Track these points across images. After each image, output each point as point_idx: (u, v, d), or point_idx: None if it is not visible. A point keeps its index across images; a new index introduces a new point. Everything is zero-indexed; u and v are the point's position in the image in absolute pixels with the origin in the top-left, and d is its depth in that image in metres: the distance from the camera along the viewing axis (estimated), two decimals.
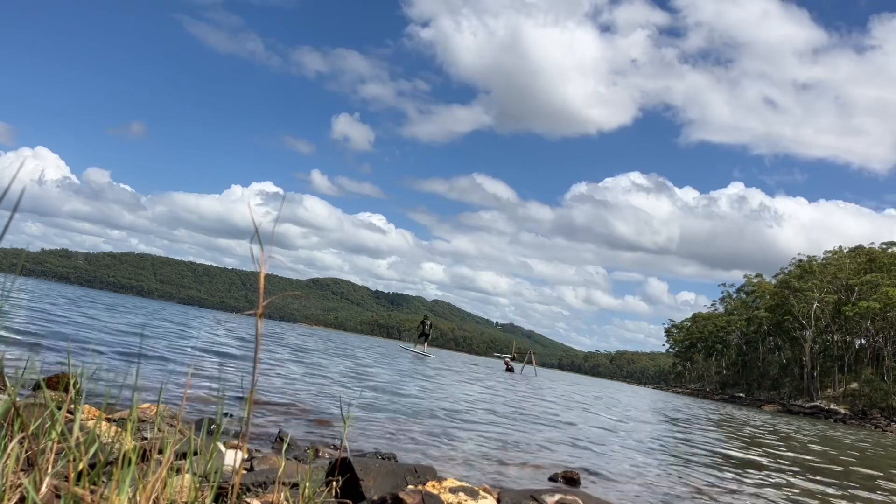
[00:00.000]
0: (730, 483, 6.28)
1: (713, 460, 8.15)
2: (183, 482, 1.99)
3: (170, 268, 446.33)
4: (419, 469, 3.32)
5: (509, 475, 4.87)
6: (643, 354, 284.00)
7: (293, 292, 16.56)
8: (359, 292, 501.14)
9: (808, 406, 65.63)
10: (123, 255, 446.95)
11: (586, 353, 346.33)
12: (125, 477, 1.65)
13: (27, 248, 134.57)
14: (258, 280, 1.53)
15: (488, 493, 3.29)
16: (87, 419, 3.15)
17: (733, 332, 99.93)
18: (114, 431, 2.75)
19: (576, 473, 5.06)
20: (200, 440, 2.35)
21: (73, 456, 1.68)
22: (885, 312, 66.94)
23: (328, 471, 3.10)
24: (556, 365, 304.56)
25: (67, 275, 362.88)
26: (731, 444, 11.40)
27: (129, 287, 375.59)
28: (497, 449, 5.99)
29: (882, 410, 60.76)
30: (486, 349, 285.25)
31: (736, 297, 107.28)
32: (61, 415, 1.82)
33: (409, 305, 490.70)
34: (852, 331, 75.31)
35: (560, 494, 3.54)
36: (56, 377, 4.12)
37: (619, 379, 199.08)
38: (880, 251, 78.00)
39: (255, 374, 1.69)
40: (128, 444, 1.79)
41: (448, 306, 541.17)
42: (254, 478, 2.84)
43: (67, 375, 3.79)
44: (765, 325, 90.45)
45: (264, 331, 20.48)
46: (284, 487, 2.53)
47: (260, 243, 1.43)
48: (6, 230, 1.34)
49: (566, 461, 5.92)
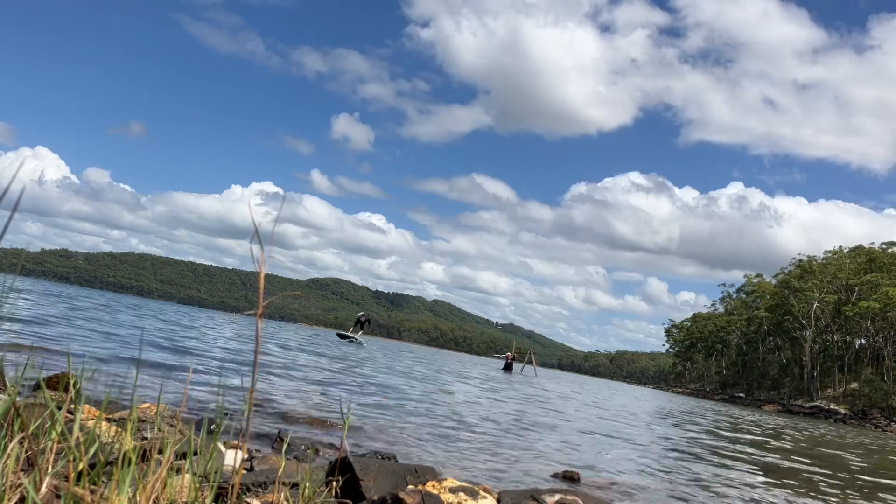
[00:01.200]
0: (731, 483, 6.28)
1: (714, 460, 8.15)
2: (183, 482, 1.99)
3: (170, 268, 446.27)
4: (419, 469, 3.32)
5: (509, 475, 4.87)
6: (643, 354, 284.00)
7: (293, 292, 16.52)
8: (359, 292, 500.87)
9: (808, 406, 65.62)
10: (123, 255, 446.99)
11: (586, 354, 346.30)
12: (125, 477, 1.65)
13: (27, 248, 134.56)
14: (258, 280, 1.53)
15: (488, 493, 3.29)
16: (87, 419, 3.15)
17: (733, 332, 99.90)
18: (114, 431, 2.75)
19: (576, 473, 5.06)
20: (200, 440, 2.35)
21: (73, 456, 1.68)
22: (885, 312, 66.93)
23: (328, 471, 3.10)
24: (556, 365, 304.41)
25: (67, 275, 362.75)
26: (732, 445, 11.39)
27: (129, 287, 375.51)
28: (497, 449, 5.99)
29: (882, 410, 60.77)
30: (486, 349, 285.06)
31: (736, 297, 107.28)
32: (61, 415, 1.82)
33: (409, 305, 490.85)
34: (852, 331, 75.32)
35: (560, 494, 3.54)
36: (56, 377, 4.12)
37: (619, 379, 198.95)
38: (880, 251, 78.01)
39: (255, 374, 1.69)
40: (128, 444, 1.79)
41: (448, 306, 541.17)
42: (254, 478, 2.84)
43: (67, 375, 3.79)
44: (765, 325, 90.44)
45: (263, 333, 20.44)
46: (284, 487, 2.53)
47: (260, 243, 1.43)
48: (6, 230, 1.34)
49: (566, 461, 5.92)
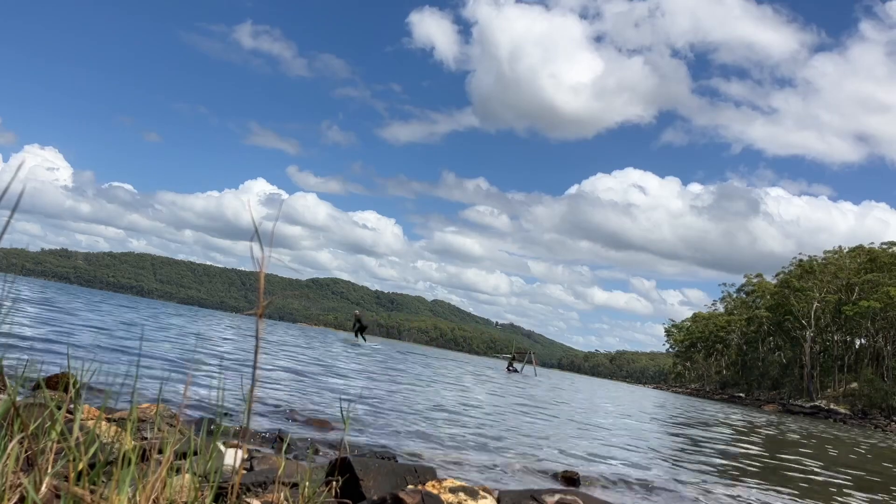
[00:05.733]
0: (732, 483, 6.28)
1: (714, 460, 8.15)
2: (183, 482, 1.99)
3: (169, 268, 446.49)
4: (419, 469, 3.32)
5: (509, 475, 4.87)
6: (643, 354, 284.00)
7: (293, 292, 16.56)
8: (358, 292, 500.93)
9: (808, 406, 65.59)
10: (123, 255, 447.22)
11: (586, 353, 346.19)
12: (125, 477, 1.65)
13: (27, 248, 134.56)
14: (258, 280, 1.53)
15: (488, 493, 3.29)
16: (87, 419, 3.15)
17: (733, 331, 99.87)
18: (114, 431, 2.75)
19: (575, 473, 5.06)
20: (200, 440, 2.35)
21: (73, 456, 1.68)
22: (886, 312, 66.94)
23: (328, 471, 3.10)
24: (556, 365, 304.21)
25: (67, 275, 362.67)
26: (732, 444, 11.40)
27: (129, 287, 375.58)
28: (497, 449, 5.99)
29: (882, 410, 60.79)
30: (486, 349, 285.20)
31: (736, 297, 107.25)
32: (61, 415, 1.82)
33: (409, 305, 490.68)
34: (852, 330, 75.32)
35: (560, 494, 3.54)
36: (56, 377, 4.12)
37: (618, 379, 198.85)
38: (881, 251, 77.95)
39: (255, 374, 1.69)
40: (128, 443, 1.79)
41: (448, 306, 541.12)
42: (254, 478, 2.84)
43: (67, 375, 3.79)
44: (765, 324, 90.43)
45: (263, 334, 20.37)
46: (284, 487, 2.53)
47: (259, 243, 1.44)
48: (6, 230, 1.34)
49: (566, 461, 5.92)
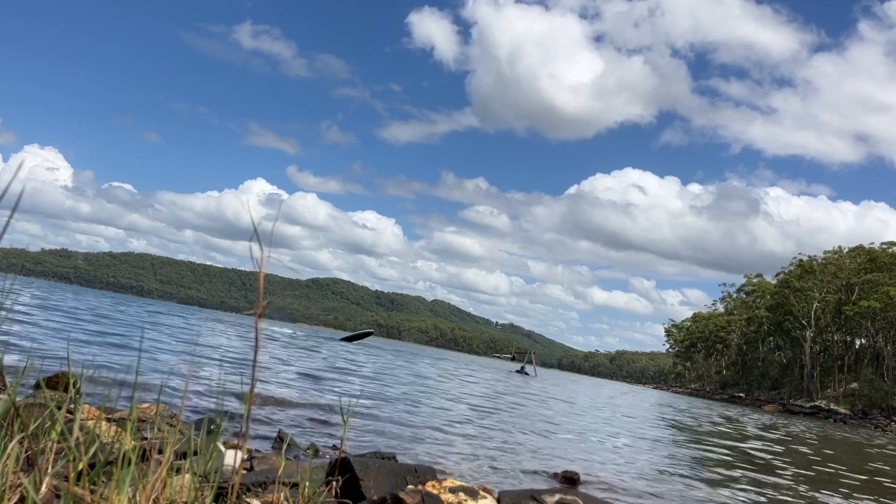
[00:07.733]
0: (732, 484, 6.28)
1: (715, 460, 8.15)
2: (183, 482, 1.99)
3: (169, 268, 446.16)
4: (419, 469, 3.32)
5: (509, 475, 4.87)
6: (643, 354, 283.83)
7: (293, 292, 16.52)
8: (358, 292, 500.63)
9: (808, 406, 65.56)
10: (123, 255, 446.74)
11: (586, 353, 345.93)
12: (125, 477, 1.65)
13: (27, 249, 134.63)
14: (258, 280, 1.53)
15: (488, 493, 3.29)
16: (87, 419, 3.16)
17: (733, 331, 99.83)
18: (114, 431, 2.75)
19: (575, 473, 5.06)
20: (200, 440, 2.35)
21: (73, 456, 1.68)
22: (886, 312, 66.90)
23: (328, 471, 3.10)
24: (556, 365, 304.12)
25: (67, 275, 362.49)
26: (732, 444, 11.39)
27: (129, 287, 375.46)
28: (497, 449, 5.99)
29: (882, 410, 60.77)
30: (486, 349, 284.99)
31: (736, 297, 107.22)
32: (61, 415, 1.82)
33: (409, 305, 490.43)
34: (853, 331, 75.27)
35: (560, 494, 3.54)
36: (56, 377, 4.12)
37: (619, 379, 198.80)
38: (881, 251, 77.91)
39: (255, 374, 1.69)
40: (128, 443, 1.79)
41: (448, 306, 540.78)
42: (254, 478, 2.84)
43: (67, 375, 3.79)
44: (765, 324, 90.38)
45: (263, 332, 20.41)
46: (284, 487, 2.53)
47: (259, 243, 1.43)
48: (6, 230, 1.34)
49: (566, 461, 5.92)
